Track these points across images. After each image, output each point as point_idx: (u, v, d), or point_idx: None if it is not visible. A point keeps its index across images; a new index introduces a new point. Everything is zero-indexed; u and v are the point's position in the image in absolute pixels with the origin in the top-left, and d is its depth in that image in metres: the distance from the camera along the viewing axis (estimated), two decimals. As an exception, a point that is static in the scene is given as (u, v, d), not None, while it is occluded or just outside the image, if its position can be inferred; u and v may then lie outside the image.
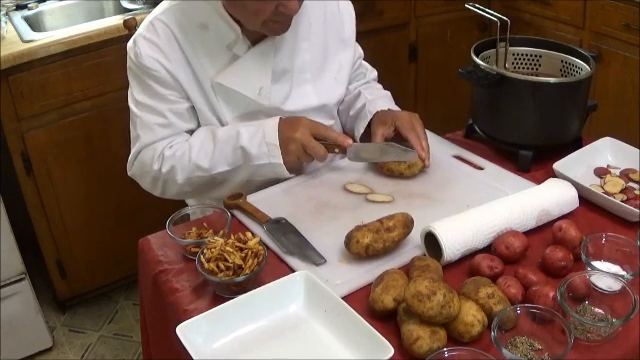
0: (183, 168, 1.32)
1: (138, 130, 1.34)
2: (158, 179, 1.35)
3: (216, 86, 1.32)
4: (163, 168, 1.32)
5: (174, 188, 1.36)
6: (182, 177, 1.32)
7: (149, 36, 1.28)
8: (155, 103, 1.31)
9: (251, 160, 1.29)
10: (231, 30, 1.28)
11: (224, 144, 1.30)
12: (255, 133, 1.29)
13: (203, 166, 1.31)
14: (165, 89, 1.30)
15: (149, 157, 1.33)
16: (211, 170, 1.31)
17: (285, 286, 1.00)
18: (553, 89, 1.28)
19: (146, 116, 1.32)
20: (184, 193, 1.39)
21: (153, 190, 1.40)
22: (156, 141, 1.33)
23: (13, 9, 2.23)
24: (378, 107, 1.43)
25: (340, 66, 1.45)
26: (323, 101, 1.42)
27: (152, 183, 1.37)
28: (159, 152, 1.32)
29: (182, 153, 1.32)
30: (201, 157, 1.30)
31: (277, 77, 1.35)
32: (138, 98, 1.33)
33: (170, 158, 1.32)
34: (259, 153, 1.28)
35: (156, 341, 1.21)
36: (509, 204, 1.13)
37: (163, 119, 1.31)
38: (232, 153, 1.30)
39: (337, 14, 1.43)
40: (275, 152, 1.27)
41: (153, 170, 1.33)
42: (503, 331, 0.90)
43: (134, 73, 1.32)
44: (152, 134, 1.32)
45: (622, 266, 1.03)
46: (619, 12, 2.24)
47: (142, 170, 1.36)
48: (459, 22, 2.67)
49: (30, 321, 2.07)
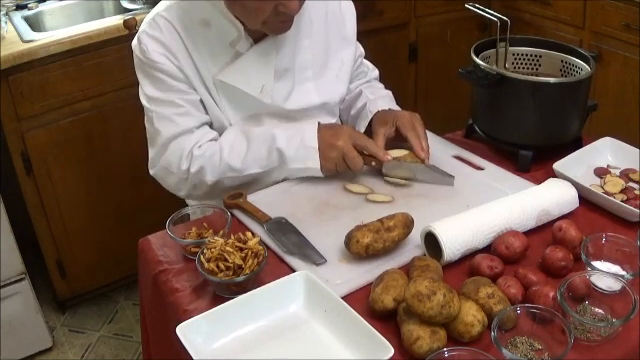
0: (214, 169, 1.30)
1: (156, 125, 1.31)
2: (186, 180, 1.32)
3: (218, 83, 1.32)
4: (192, 168, 1.30)
5: (202, 188, 1.33)
6: (212, 178, 1.30)
7: (152, 33, 1.28)
8: (169, 95, 1.29)
9: (287, 163, 1.29)
10: (233, 27, 1.28)
11: (259, 145, 1.29)
12: (293, 136, 1.28)
13: (235, 167, 1.29)
14: (176, 81, 1.29)
15: (177, 157, 1.30)
16: (243, 171, 1.30)
17: (285, 286, 1.00)
18: (553, 89, 1.28)
19: (162, 109, 1.30)
20: (213, 194, 1.35)
21: (178, 191, 1.37)
22: (180, 133, 1.29)
23: (13, 9, 2.23)
24: (379, 107, 1.43)
25: (342, 64, 1.45)
26: (325, 99, 1.42)
27: (178, 183, 1.34)
28: (188, 151, 1.29)
29: (212, 153, 1.30)
30: (233, 157, 1.29)
31: (279, 75, 1.35)
32: (150, 94, 1.30)
33: (200, 158, 1.29)
34: (296, 156, 1.28)
35: (156, 341, 1.21)
36: (509, 204, 1.13)
37: (180, 108, 1.29)
38: (267, 155, 1.29)
39: (338, 12, 1.43)
40: (314, 156, 1.27)
41: (181, 170, 1.31)
42: (503, 331, 0.90)
43: (143, 69, 1.31)
44: (173, 125, 1.29)
45: (622, 266, 1.03)
46: (619, 12, 2.24)
47: (168, 170, 1.33)
48: (459, 22, 2.67)
49: (30, 321, 2.07)
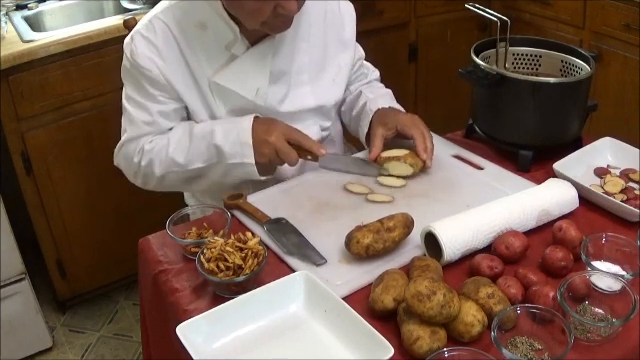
0: (161, 162, 1.33)
1: (125, 124, 1.37)
2: (138, 172, 1.38)
3: (213, 86, 1.32)
4: (142, 162, 1.35)
5: (152, 181, 1.38)
6: (159, 171, 1.34)
7: (147, 34, 1.29)
8: (144, 101, 1.33)
9: (224, 158, 1.29)
10: (230, 30, 1.28)
11: (199, 140, 1.31)
12: (230, 131, 1.29)
13: (179, 161, 1.32)
14: (155, 90, 1.31)
15: (132, 150, 1.36)
16: (187, 166, 1.33)
17: (285, 286, 1.00)
18: (553, 89, 1.28)
19: (134, 111, 1.34)
20: (163, 186, 1.40)
21: (135, 181, 1.43)
22: (139, 136, 1.35)
23: (13, 9, 2.23)
24: (379, 105, 1.43)
25: (339, 68, 1.44)
26: (320, 102, 1.42)
27: (134, 175, 1.41)
28: (140, 146, 1.35)
29: (160, 148, 1.33)
30: (177, 152, 1.32)
31: (275, 78, 1.35)
32: (129, 93, 1.35)
33: (149, 152, 1.34)
34: (232, 152, 1.28)
35: (156, 341, 1.21)
36: (509, 204, 1.13)
37: (149, 117, 1.33)
38: (206, 150, 1.31)
39: (338, 15, 1.43)
40: (248, 152, 1.27)
41: (134, 163, 1.36)
42: (503, 331, 0.90)
43: (127, 70, 1.34)
44: (136, 129, 1.35)
45: (622, 266, 1.03)
46: (619, 12, 2.24)
47: (125, 162, 1.40)
48: (459, 22, 2.67)
49: (30, 321, 2.07)
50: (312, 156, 1.30)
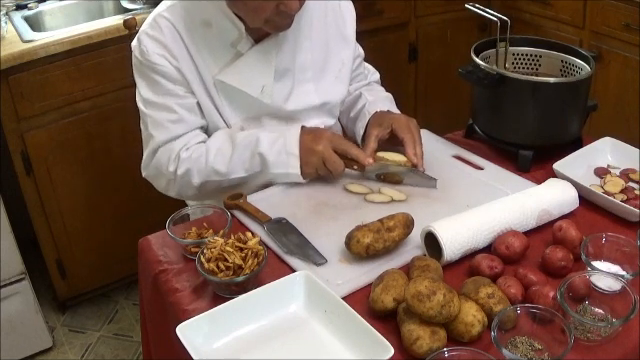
0: (199, 171, 1.31)
1: (150, 129, 1.33)
2: (174, 181, 1.34)
3: (218, 84, 1.32)
4: (179, 170, 1.31)
5: (190, 190, 1.35)
6: (198, 180, 1.31)
7: (153, 33, 1.28)
8: (164, 99, 1.30)
9: (268, 168, 1.29)
10: (235, 28, 1.28)
11: (243, 149, 1.29)
12: (275, 141, 1.28)
13: (220, 170, 1.30)
14: (173, 84, 1.29)
15: (165, 158, 1.32)
16: (228, 175, 1.31)
17: (285, 286, 1.00)
18: (553, 89, 1.28)
19: (156, 114, 1.31)
20: (200, 195, 1.37)
21: (167, 192, 1.39)
22: (171, 139, 1.31)
23: (13, 9, 2.23)
24: (378, 108, 1.43)
25: (342, 64, 1.44)
26: (324, 100, 1.42)
27: (167, 185, 1.36)
28: (175, 153, 1.31)
29: (199, 156, 1.31)
30: (218, 161, 1.30)
31: (279, 76, 1.35)
32: (146, 96, 1.31)
33: (186, 160, 1.31)
34: (277, 161, 1.28)
35: (156, 341, 1.21)
36: (509, 204, 1.13)
37: (174, 115, 1.30)
38: (250, 159, 1.29)
39: (338, 12, 1.43)
40: (294, 162, 1.27)
41: (169, 172, 1.32)
42: (503, 331, 0.90)
43: (140, 71, 1.31)
44: (166, 132, 1.31)
45: (622, 266, 1.03)
46: (619, 12, 2.24)
47: (158, 171, 1.35)
48: (459, 22, 2.67)
49: (30, 321, 2.07)
50: (358, 166, 1.29)
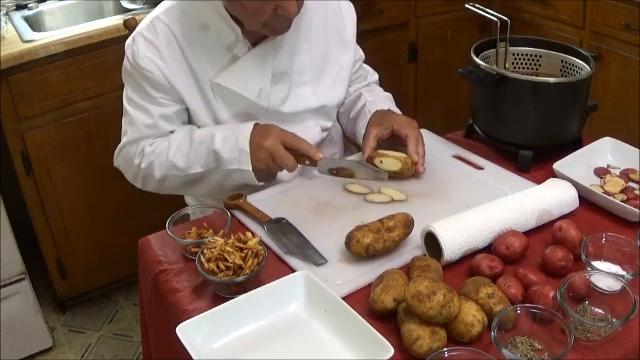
0: (161, 165, 1.34)
1: (126, 125, 1.38)
2: (138, 174, 1.38)
3: (215, 87, 1.32)
4: (142, 164, 1.35)
5: (152, 184, 1.39)
6: (159, 174, 1.35)
7: (148, 36, 1.29)
8: (145, 103, 1.33)
9: (223, 164, 1.29)
10: (231, 31, 1.28)
11: (199, 145, 1.31)
12: (229, 137, 1.29)
13: (178, 165, 1.32)
14: (156, 92, 1.31)
15: (132, 152, 1.37)
16: (186, 170, 1.33)
17: (285, 286, 1.00)
18: (553, 89, 1.28)
19: (134, 113, 1.35)
20: (163, 189, 1.40)
21: (135, 183, 1.43)
22: (140, 138, 1.35)
23: (13, 9, 2.23)
24: (378, 107, 1.43)
25: (340, 68, 1.44)
26: (322, 102, 1.42)
27: (133, 177, 1.41)
28: (141, 148, 1.35)
29: (161, 151, 1.34)
30: (177, 156, 1.32)
31: (276, 79, 1.35)
32: (130, 95, 1.36)
33: (150, 154, 1.34)
34: (230, 158, 1.28)
35: (156, 341, 1.21)
36: (509, 204, 1.13)
37: (149, 119, 1.33)
38: (206, 155, 1.31)
39: (338, 15, 1.43)
40: (245, 158, 1.27)
41: (134, 165, 1.37)
42: (503, 331, 0.90)
43: (128, 72, 1.34)
44: (137, 131, 1.35)
45: (622, 266, 1.03)
46: (619, 12, 2.24)
47: (125, 164, 1.41)
48: (459, 22, 2.67)
49: (30, 321, 2.07)
50: (310, 161, 1.29)
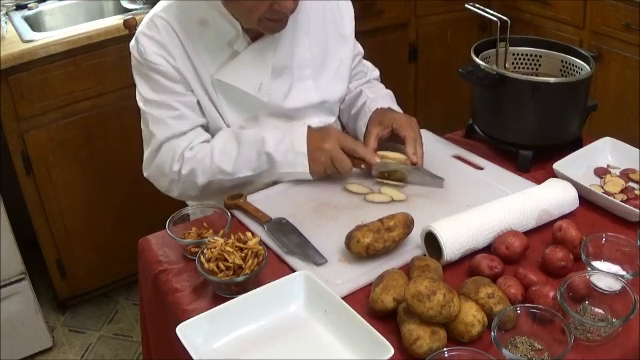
0: (205, 171, 1.30)
1: (151, 127, 1.32)
2: (177, 181, 1.33)
3: (216, 82, 1.32)
4: (183, 170, 1.31)
5: (193, 191, 1.34)
6: (203, 180, 1.31)
7: (151, 33, 1.28)
8: (164, 97, 1.29)
9: (276, 167, 1.29)
10: (231, 26, 1.28)
11: (249, 149, 1.29)
12: (282, 140, 1.28)
13: (226, 170, 1.30)
14: (173, 83, 1.29)
15: (169, 158, 1.31)
16: (234, 174, 1.31)
17: (285, 286, 1.00)
18: (553, 89, 1.28)
19: (157, 112, 1.30)
20: (204, 195, 1.36)
21: (170, 192, 1.37)
22: (173, 136, 1.30)
23: (13, 9, 2.23)
24: (378, 105, 1.43)
25: (340, 62, 1.44)
26: (323, 97, 1.42)
27: (170, 184, 1.35)
28: (179, 153, 1.30)
29: (203, 155, 1.30)
30: (224, 160, 1.30)
31: (277, 73, 1.35)
32: (146, 96, 1.31)
33: (191, 160, 1.30)
34: (285, 161, 1.28)
35: (156, 341, 1.21)
36: (509, 204, 1.13)
37: (175, 111, 1.30)
38: (257, 158, 1.29)
39: (336, 10, 1.44)
40: (303, 161, 1.28)
41: (172, 172, 1.32)
42: (503, 331, 0.90)
43: (139, 71, 1.31)
44: (167, 128, 1.30)
45: (622, 266, 1.03)
46: (619, 12, 2.24)
47: (160, 171, 1.34)
48: (459, 22, 2.67)
49: (30, 321, 2.07)
50: (365, 165, 1.30)
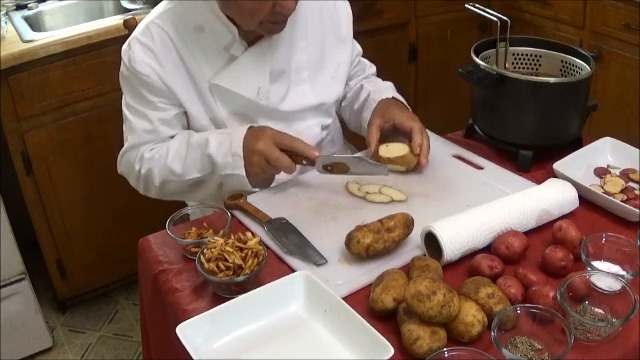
0: (160, 171, 1.34)
1: (126, 132, 1.38)
2: (139, 179, 1.38)
3: (213, 87, 1.32)
4: (142, 170, 1.35)
5: (153, 190, 1.39)
6: (158, 180, 1.34)
7: (144, 40, 1.29)
8: (143, 109, 1.33)
9: (218, 169, 1.29)
10: (228, 31, 1.28)
11: (195, 150, 1.31)
12: (223, 142, 1.28)
13: (176, 171, 1.32)
14: (155, 96, 1.31)
15: (133, 157, 1.37)
16: (183, 176, 1.32)
17: (285, 286, 1.00)
18: (553, 89, 1.28)
19: (134, 119, 1.35)
20: (164, 195, 1.40)
21: (137, 189, 1.43)
22: (140, 144, 1.35)
23: (13, 9, 2.23)
24: (383, 96, 1.43)
25: (338, 65, 1.44)
26: (321, 100, 1.42)
27: (136, 183, 1.41)
28: (141, 153, 1.35)
29: (159, 156, 1.33)
30: (175, 162, 1.32)
31: (274, 77, 1.35)
32: (129, 101, 1.35)
33: (149, 160, 1.34)
34: (224, 163, 1.27)
35: (156, 341, 1.21)
36: (509, 204, 1.13)
37: (149, 125, 1.33)
38: (201, 160, 1.30)
39: (334, 12, 1.43)
40: (239, 163, 1.26)
41: (135, 171, 1.37)
42: (503, 331, 0.90)
43: (126, 78, 1.33)
44: (137, 137, 1.35)
45: (622, 266, 1.03)
46: (619, 12, 2.24)
47: (127, 169, 1.41)
48: (459, 22, 2.67)
49: (30, 321, 2.07)
50: (307, 160, 1.26)
